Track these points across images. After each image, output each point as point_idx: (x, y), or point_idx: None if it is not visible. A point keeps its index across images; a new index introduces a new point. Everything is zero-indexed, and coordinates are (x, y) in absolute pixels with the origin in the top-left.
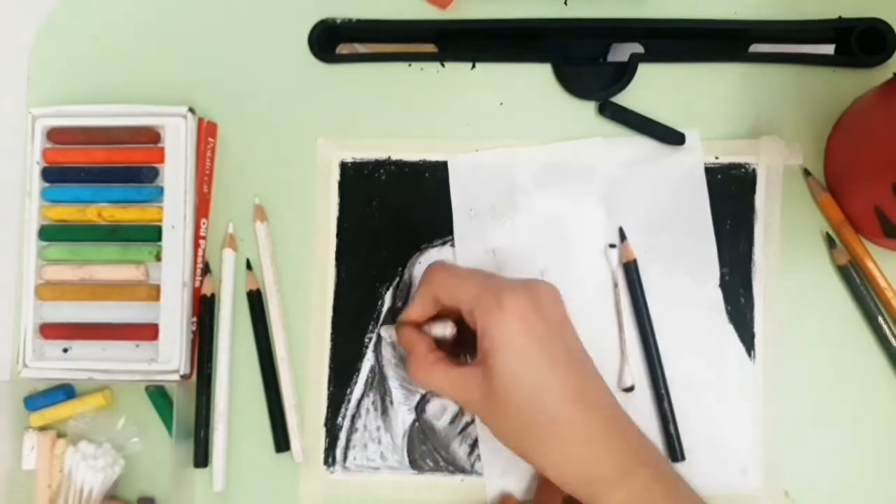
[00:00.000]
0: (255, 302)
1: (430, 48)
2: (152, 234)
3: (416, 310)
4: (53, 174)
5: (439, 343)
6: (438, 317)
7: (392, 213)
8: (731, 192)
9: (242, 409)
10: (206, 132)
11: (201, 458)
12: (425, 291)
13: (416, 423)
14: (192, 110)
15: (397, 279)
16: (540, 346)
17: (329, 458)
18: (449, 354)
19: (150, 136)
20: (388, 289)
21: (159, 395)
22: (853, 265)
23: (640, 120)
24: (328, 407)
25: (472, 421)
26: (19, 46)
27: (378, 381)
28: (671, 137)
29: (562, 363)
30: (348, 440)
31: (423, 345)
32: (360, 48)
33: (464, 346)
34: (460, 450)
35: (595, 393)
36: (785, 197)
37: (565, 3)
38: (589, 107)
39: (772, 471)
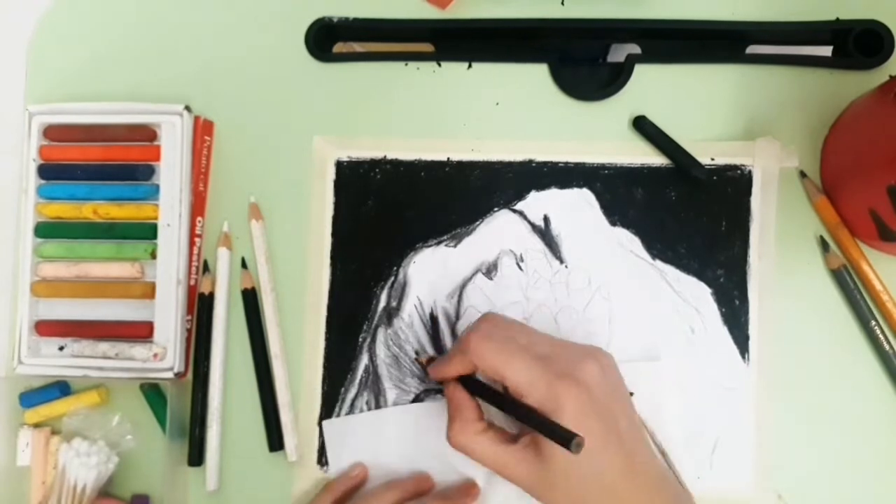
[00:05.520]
0: (250, 300)
1: (426, 47)
2: (148, 231)
3: (455, 368)
4: (50, 171)
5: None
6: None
7: (387, 212)
8: (726, 194)
9: (236, 407)
10: (203, 130)
11: (195, 456)
12: (464, 360)
13: None
14: (188, 108)
15: (392, 278)
16: (598, 423)
17: (323, 458)
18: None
19: (146, 134)
20: (382, 288)
21: (154, 393)
22: (847, 268)
23: (669, 143)
24: (322, 406)
25: None
26: (17, 44)
27: (372, 381)
28: (694, 169)
29: (615, 437)
30: None
31: (471, 411)
32: (357, 47)
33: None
34: None
35: (643, 462)
36: (780, 199)
37: (562, 4)
38: (585, 107)
39: (764, 474)
